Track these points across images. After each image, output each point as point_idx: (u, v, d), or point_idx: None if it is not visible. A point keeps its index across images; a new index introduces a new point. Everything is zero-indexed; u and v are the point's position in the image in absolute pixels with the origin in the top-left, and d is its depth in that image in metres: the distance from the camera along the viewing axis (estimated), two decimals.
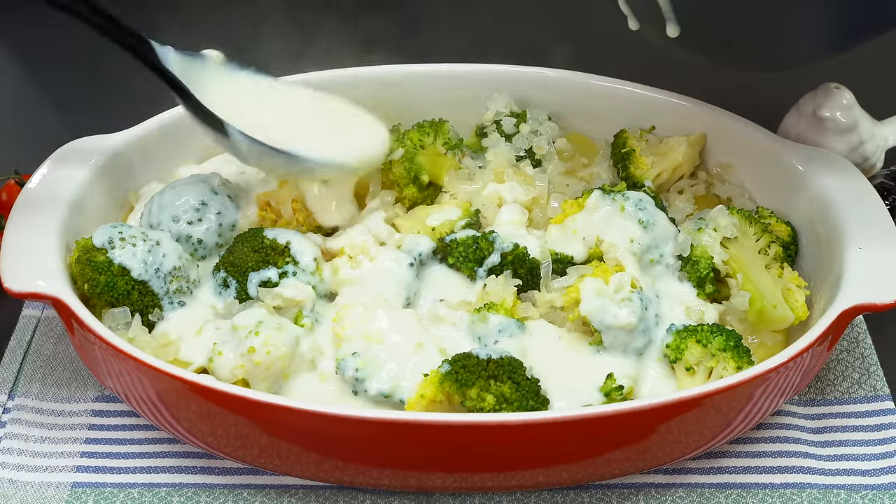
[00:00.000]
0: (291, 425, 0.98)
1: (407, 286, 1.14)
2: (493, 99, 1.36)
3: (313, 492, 1.08)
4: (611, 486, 1.09)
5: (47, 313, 1.26)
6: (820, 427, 1.14)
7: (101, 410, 1.16)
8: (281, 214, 1.22)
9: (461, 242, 1.17)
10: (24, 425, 1.13)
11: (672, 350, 1.07)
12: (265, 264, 1.13)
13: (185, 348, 1.09)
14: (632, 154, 1.27)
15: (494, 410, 0.98)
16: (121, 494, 1.08)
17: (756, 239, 1.17)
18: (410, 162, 1.25)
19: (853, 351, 1.22)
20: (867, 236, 1.11)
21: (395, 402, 1.04)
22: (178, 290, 1.13)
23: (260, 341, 1.04)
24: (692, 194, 1.28)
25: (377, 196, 1.26)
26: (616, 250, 1.14)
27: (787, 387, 1.05)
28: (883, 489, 1.07)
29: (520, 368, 1.02)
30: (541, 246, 1.17)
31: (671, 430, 1.00)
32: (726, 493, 1.08)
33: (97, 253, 1.10)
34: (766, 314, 1.11)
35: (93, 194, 1.21)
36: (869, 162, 1.35)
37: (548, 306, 1.13)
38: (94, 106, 1.59)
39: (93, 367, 1.09)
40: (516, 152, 1.31)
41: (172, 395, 1.01)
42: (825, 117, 1.32)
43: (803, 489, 1.08)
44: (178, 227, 1.19)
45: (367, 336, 1.07)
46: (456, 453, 1.00)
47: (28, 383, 1.18)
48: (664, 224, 1.17)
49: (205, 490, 1.08)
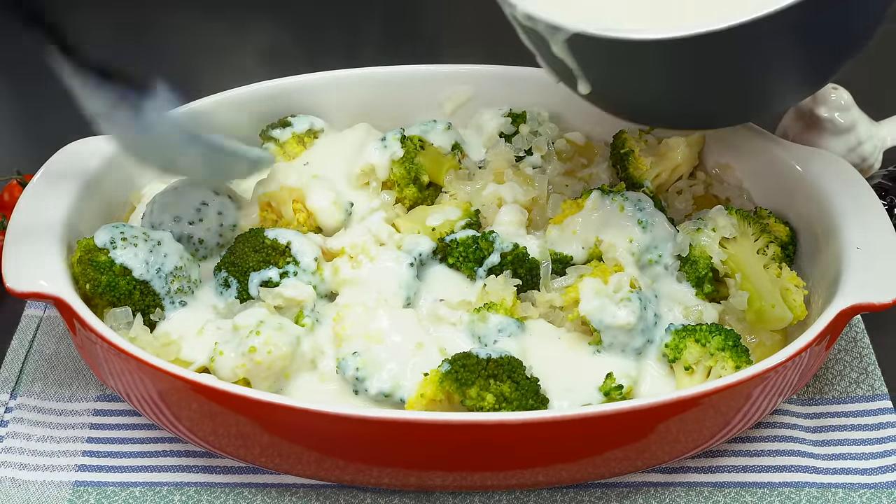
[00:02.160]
0: (292, 424, 0.99)
1: (407, 286, 1.14)
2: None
3: (314, 490, 1.09)
4: (610, 485, 1.09)
5: (49, 313, 1.27)
6: (818, 426, 1.15)
7: (102, 410, 1.16)
8: (282, 214, 1.22)
9: (461, 242, 1.17)
10: (26, 424, 1.14)
11: (671, 350, 1.08)
12: (266, 264, 1.14)
13: (187, 348, 1.09)
14: (631, 155, 1.27)
15: (494, 410, 0.99)
16: (122, 493, 1.08)
17: (754, 239, 1.17)
18: (410, 162, 1.25)
19: (851, 350, 1.22)
20: (865, 236, 1.11)
21: (396, 401, 1.04)
22: (179, 290, 1.14)
23: (261, 341, 1.05)
24: (691, 195, 1.28)
25: (377, 196, 1.26)
26: (615, 250, 1.14)
27: (786, 386, 1.05)
28: (881, 488, 1.08)
29: (519, 368, 1.02)
30: (540, 246, 1.17)
31: (670, 430, 1.01)
32: (725, 492, 1.08)
33: (99, 253, 1.11)
34: (764, 314, 1.12)
35: (94, 194, 1.21)
36: (867, 162, 1.36)
37: (547, 306, 1.13)
38: None
39: (94, 366, 1.10)
40: (516, 153, 1.31)
41: (174, 395, 1.01)
42: (823, 118, 1.32)
43: (802, 488, 1.08)
44: (180, 228, 1.19)
45: (367, 336, 1.07)
46: (456, 452, 1.00)
47: (30, 383, 1.19)
48: (663, 224, 1.17)
49: (206, 489, 1.09)
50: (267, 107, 1.36)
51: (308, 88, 1.37)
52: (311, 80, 1.38)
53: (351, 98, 1.38)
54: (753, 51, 0.99)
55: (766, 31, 0.95)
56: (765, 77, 1.06)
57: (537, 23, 1.01)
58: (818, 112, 1.32)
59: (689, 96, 1.08)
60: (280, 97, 1.36)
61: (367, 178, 1.27)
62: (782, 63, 1.04)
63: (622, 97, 1.12)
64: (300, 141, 1.33)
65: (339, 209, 1.23)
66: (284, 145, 1.33)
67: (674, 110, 1.13)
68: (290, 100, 1.37)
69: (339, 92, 1.38)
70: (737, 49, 0.98)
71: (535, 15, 1.01)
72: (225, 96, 1.34)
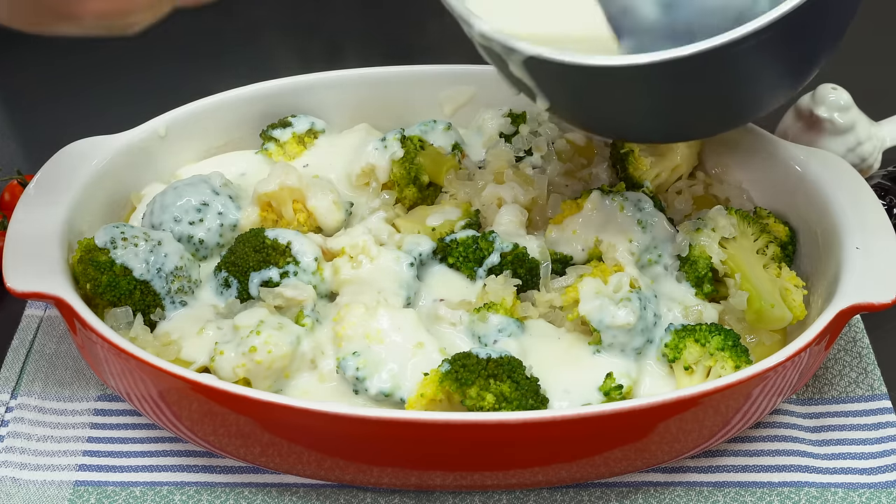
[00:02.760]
0: (292, 424, 0.99)
1: (407, 286, 1.14)
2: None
3: (314, 490, 1.09)
4: (610, 485, 1.09)
5: (50, 313, 1.27)
6: (818, 426, 1.15)
7: (103, 409, 1.17)
8: (282, 215, 1.22)
9: (461, 242, 1.17)
10: (26, 424, 1.14)
11: (671, 349, 1.08)
12: (266, 264, 1.14)
13: (187, 348, 1.09)
14: (630, 155, 1.27)
15: (494, 409, 0.99)
16: (123, 493, 1.08)
17: (754, 239, 1.18)
18: (410, 162, 1.25)
19: (851, 350, 1.22)
20: (865, 236, 1.11)
21: (396, 401, 1.04)
22: (179, 290, 1.14)
23: (261, 341, 1.05)
24: (690, 195, 1.28)
25: (377, 196, 1.27)
26: (615, 250, 1.14)
27: (785, 386, 1.05)
28: (880, 487, 1.08)
29: (519, 368, 1.02)
30: (540, 246, 1.17)
31: (670, 429, 1.01)
32: (725, 492, 1.09)
33: (99, 253, 1.11)
34: (763, 314, 1.12)
35: (95, 195, 1.21)
36: (866, 162, 1.36)
37: (547, 306, 1.13)
38: (96, 107, 1.60)
39: (95, 366, 1.10)
40: (516, 153, 1.31)
41: (174, 395, 1.01)
42: (823, 118, 1.32)
43: (801, 487, 1.08)
44: (180, 228, 1.19)
45: (367, 335, 1.07)
46: (456, 452, 1.00)
47: (31, 382, 1.19)
48: (663, 224, 1.18)
49: (206, 488, 1.09)
50: (267, 107, 1.36)
51: (308, 88, 1.37)
52: (311, 80, 1.38)
53: (351, 98, 1.39)
54: (718, 71, 0.97)
55: (733, 52, 0.94)
56: (734, 93, 1.04)
57: (493, 43, 1.01)
58: (818, 112, 1.32)
59: (652, 115, 1.07)
60: (280, 97, 1.36)
61: (367, 179, 1.28)
62: (753, 78, 1.02)
63: (581, 114, 1.11)
64: (300, 141, 1.34)
65: (340, 209, 1.23)
66: (284, 145, 1.33)
67: (637, 127, 1.12)
68: (290, 100, 1.37)
69: (339, 92, 1.38)
70: (699, 71, 0.97)
71: (490, 35, 1.00)
72: (225, 96, 1.34)
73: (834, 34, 1.04)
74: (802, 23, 0.95)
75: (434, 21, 1.85)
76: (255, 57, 1.65)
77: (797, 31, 0.96)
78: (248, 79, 1.37)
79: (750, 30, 0.92)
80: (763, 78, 1.02)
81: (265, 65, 1.46)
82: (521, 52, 0.98)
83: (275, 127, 1.34)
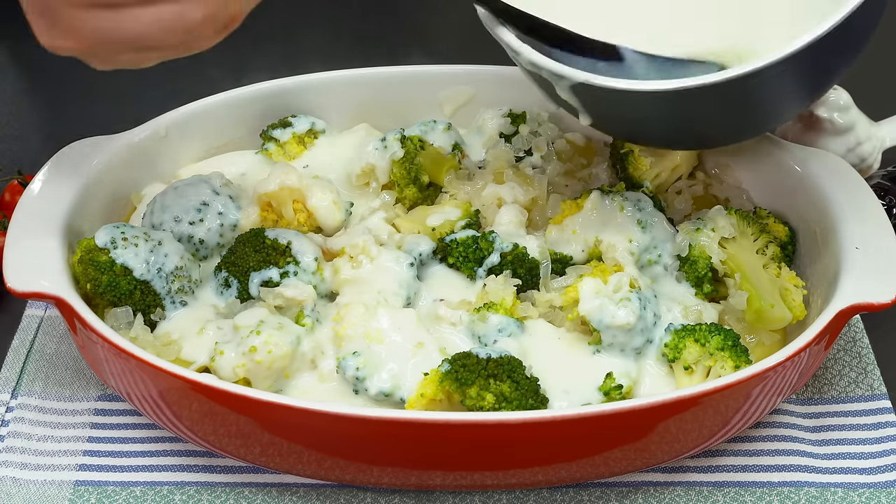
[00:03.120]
0: (293, 424, 0.99)
1: (407, 286, 1.14)
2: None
3: (314, 490, 1.09)
4: (610, 485, 1.09)
5: (50, 313, 1.27)
6: (817, 426, 1.15)
7: (103, 409, 1.17)
8: (282, 215, 1.22)
9: (461, 242, 1.17)
10: (27, 424, 1.14)
11: (670, 349, 1.08)
12: (266, 264, 1.14)
13: (187, 348, 1.09)
14: (630, 155, 1.27)
15: (494, 409, 0.99)
16: (123, 493, 1.08)
17: (754, 239, 1.18)
18: (410, 162, 1.26)
19: (850, 350, 1.22)
20: (864, 236, 1.11)
21: (396, 400, 1.05)
22: (179, 290, 1.14)
23: (261, 340, 1.05)
24: (690, 195, 1.28)
25: (377, 196, 1.27)
26: (615, 250, 1.14)
27: (785, 386, 1.06)
28: (880, 487, 1.08)
29: (519, 367, 1.02)
30: (540, 246, 1.17)
31: (669, 429, 1.01)
32: (724, 492, 1.09)
33: (100, 253, 1.11)
34: (763, 314, 1.12)
35: (95, 195, 1.21)
36: (866, 163, 1.36)
37: (547, 306, 1.13)
38: (96, 107, 1.60)
39: (95, 366, 1.10)
40: (516, 153, 1.31)
41: (174, 395, 1.02)
42: (822, 118, 1.32)
43: (801, 487, 1.09)
44: (180, 228, 1.19)
45: (367, 335, 1.07)
46: (456, 452, 1.00)
47: (31, 382, 1.19)
48: (662, 224, 1.18)
49: (207, 488, 1.09)
50: (267, 107, 1.36)
51: (308, 88, 1.37)
52: (311, 80, 1.38)
53: (351, 98, 1.39)
54: (759, 90, 1.03)
55: (771, 75, 1.00)
56: (768, 108, 1.11)
57: (542, 70, 1.07)
58: (817, 112, 1.32)
59: (692, 130, 1.14)
60: (280, 97, 1.36)
61: (367, 179, 1.28)
62: (786, 93, 1.08)
63: (625, 128, 1.17)
64: (300, 141, 1.34)
65: (340, 209, 1.23)
66: (284, 145, 1.33)
67: (675, 139, 1.18)
68: (290, 100, 1.37)
69: (339, 92, 1.38)
70: (742, 92, 1.03)
71: (540, 64, 1.07)
72: (225, 96, 1.35)
73: (856, 48, 1.08)
74: (832, 45, 1.00)
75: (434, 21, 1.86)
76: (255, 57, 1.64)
77: (827, 51, 1.01)
78: (248, 79, 1.37)
79: (788, 52, 0.98)
80: (789, 93, 1.08)
81: (265, 65, 1.46)
82: (570, 78, 1.04)
83: (275, 127, 1.34)
